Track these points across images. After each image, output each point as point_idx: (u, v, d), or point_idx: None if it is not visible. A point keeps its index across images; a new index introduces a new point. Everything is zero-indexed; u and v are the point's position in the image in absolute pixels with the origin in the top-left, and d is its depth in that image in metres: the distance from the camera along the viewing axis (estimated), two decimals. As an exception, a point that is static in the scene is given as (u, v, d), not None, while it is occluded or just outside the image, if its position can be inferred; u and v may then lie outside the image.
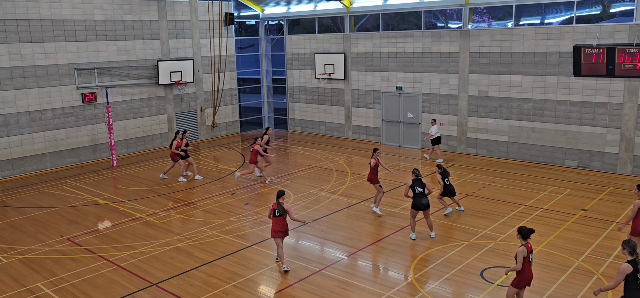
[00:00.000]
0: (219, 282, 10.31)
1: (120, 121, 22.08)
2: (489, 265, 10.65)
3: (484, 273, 10.33)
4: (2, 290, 10.24)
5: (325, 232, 12.92)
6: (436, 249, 11.59)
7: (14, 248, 12.39)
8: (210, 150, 23.34)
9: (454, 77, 20.78)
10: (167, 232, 13.14)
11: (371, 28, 24.04)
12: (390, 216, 13.87)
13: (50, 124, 20.08)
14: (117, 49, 21.70)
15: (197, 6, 24.37)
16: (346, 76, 24.29)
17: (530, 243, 8.14)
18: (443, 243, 11.90)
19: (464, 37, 20.28)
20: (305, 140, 24.67)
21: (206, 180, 17.97)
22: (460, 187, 16.23)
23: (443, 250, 11.47)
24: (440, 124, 21.31)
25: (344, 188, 16.61)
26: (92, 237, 12.98)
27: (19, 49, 19.00)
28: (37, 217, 14.76)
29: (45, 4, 19.50)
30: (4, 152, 19.04)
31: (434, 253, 11.36)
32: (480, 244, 11.76)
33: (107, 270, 10.99)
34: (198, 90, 24.87)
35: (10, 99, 19.00)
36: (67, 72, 20.31)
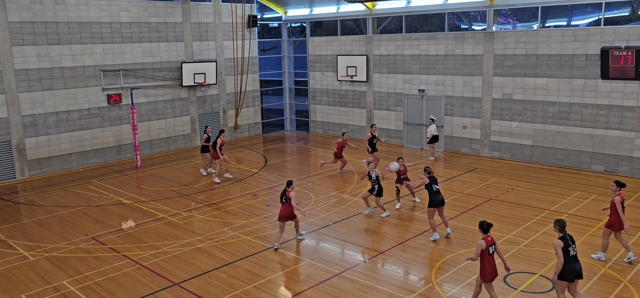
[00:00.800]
0: (240, 282, 10.37)
1: (145, 122, 22.40)
2: (512, 271, 10.48)
3: (507, 278, 10.17)
4: (29, 287, 10.47)
5: (346, 234, 12.89)
6: (458, 253, 11.46)
7: (40, 246, 12.66)
8: (232, 151, 23.51)
9: (477, 79, 20.54)
10: (189, 233, 13.26)
11: (394, 30, 23.92)
12: (411, 220, 13.77)
13: (76, 125, 20.48)
14: (142, 51, 22.03)
15: (221, 8, 24.59)
16: (368, 78, 24.22)
17: (490, 237, 8.68)
18: (465, 247, 11.77)
19: (488, 39, 20.04)
20: (327, 143, 24.66)
21: (228, 182, 18.09)
22: (483, 191, 16.04)
23: (465, 255, 11.33)
24: (463, 127, 21.10)
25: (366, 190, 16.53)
26: (116, 236, 13.18)
27: (47, 51, 19.43)
28: (63, 215, 15.05)
29: (72, 7, 19.90)
30: (32, 151, 19.48)
31: (455, 258, 11.23)
32: (503, 249, 11.59)
33: (130, 269, 11.14)
34: (221, 91, 25.09)
35: (39, 99, 19.43)
36: (94, 74, 20.69)
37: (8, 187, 18.47)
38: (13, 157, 19.09)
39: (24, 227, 14.20)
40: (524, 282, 10.04)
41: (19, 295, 10.16)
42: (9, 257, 12.08)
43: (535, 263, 10.83)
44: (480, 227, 8.75)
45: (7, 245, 12.79)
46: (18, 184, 18.86)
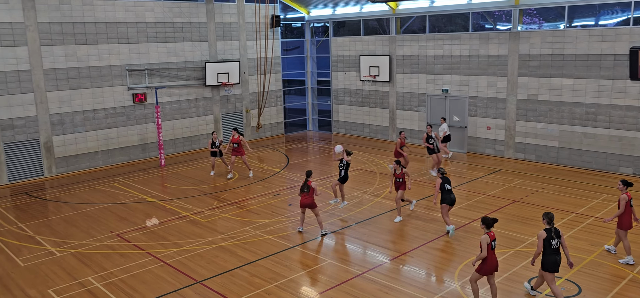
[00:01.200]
0: (262, 281, 10.41)
1: (169, 121, 22.67)
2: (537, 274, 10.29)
3: (532, 282, 10.00)
4: (56, 282, 10.68)
5: (368, 235, 12.84)
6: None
7: (67, 243, 12.91)
8: (255, 151, 23.63)
9: (502, 80, 20.26)
10: (212, 231, 13.38)
11: (417, 30, 23.76)
12: (434, 221, 13.64)
13: (102, 123, 20.83)
14: (167, 51, 22.30)
15: (244, 8, 24.75)
16: (391, 78, 24.10)
17: (493, 232, 8.84)
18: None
19: (513, 39, 19.75)
20: (349, 143, 24.61)
21: (250, 181, 18.20)
22: (507, 193, 15.82)
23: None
24: (487, 128, 20.85)
25: (388, 191, 16.46)
26: (141, 234, 13.36)
27: (74, 51, 19.81)
28: (89, 212, 15.32)
29: (99, 7, 20.25)
30: (59, 149, 19.88)
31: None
32: (528, 252, 11.41)
33: (154, 267, 11.28)
34: (244, 91, 25.25)
35: (66, 98, 19.83)
36: (119, 73, 21.02)
37: (36, 184, 18.88)
38: (41, 154, 19.52)
39: (51, 223, 14.50)
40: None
41: (46, 290, 10.38)
42: (37, 252, 12.35)
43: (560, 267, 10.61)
44: (484, 222, 8.84)
45: (35, 241, 13.07)
46: (46, 181, 19.27)
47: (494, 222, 8.84)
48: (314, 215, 12.89)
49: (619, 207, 10.69)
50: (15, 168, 19.01)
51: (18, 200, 16.90)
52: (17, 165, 19.05)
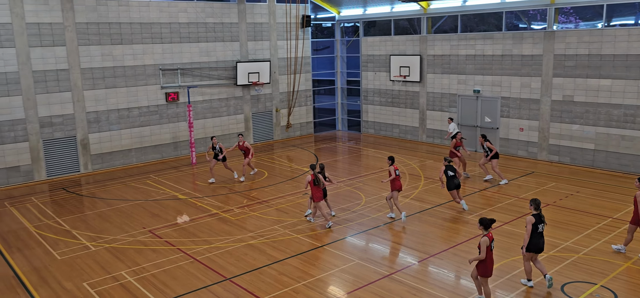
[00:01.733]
0: (290, 280, 10.47)
1: (200, 120, 23.00)
2: (571, 280, 10.07)
3: (565, 287, 9.78)
4: (90, 276, 10.97)
5: (397, 236, 12.76)
6: (512, 259, 11.12)
7: (101, 237, 13.24)
8: (284, 150, 23.77)
9: (536, 80, 19.85)
10: (241, 229, 13.52)
11: (449, 30, 23.49)
12: (463, 223, 13.47)
13: (136, 122, 21.28)
14: (199, 51, 22.63)
15: (275, 9, 24.91)
16: (422, 79, 23.89)
17: (491, 233, 8.92)
18: (520, 254, 11.39)
19: (548, 39, 19.33)
20: (378, 143, 24.51)
21: (279, 180, 18.32)
22: (540, 196, 15.48)
23: (521, 261, 10.96)
24: (520, 129, 20.46)
25: (417, 192, 16.34)
26: (172, 230, 13.60)
27: (110, 51, 20.30)
28: (122, 208, 15.68)
29: (135, 8, 20.70)
30: (95, 146, 20.41)
31: (510, 263, 10.90)
32: (561, 257, 11.15)
33: (184, 263, 11.47)
34: (274, 91, 25.42)
35: (102, 97, 20.34)
36: (153, 73, 21.44)
37: (73, 180, 19.43)
38: (78, 151, 20.07)
39: (86, 218, 14.90)
40: (584, 292, 9.62)
41: (81, 283, 10.67)
42: (73, 246, 12.71)
43: (596, 274, 10.36)
44: (482, 223, 8.93)
45: (71, 235, 13.46)
46: (82, 177, 19.81)
47: (492, 223, 8.94)
48: (321, 208, 13.37)
49: (634, 204, 10.87)
50: (53, 164, 19.60)
51: (55, 195, 17.43)
52: (55, 162, 19.64)
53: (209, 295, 9.97)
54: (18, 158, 18.76)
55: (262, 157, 22.29)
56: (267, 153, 23.04)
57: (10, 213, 15.54)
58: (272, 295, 9.88)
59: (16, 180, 18.80)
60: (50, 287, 10.57)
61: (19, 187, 18.62)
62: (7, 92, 18.26)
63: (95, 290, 10.32)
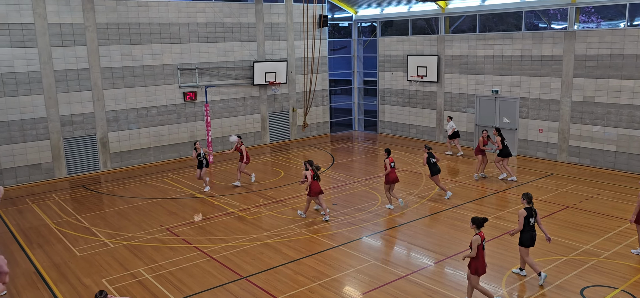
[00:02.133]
0: (305, 280, 10.48)
1: (217, 119, 23.15)
2: (590, 283, 9.92)
3: (584, 291, 9.63)
4: (109, 273, 11.11)
5: (413, 237, 12.70)
6: (531, 262, 10.97)
7: (120, 235, 13.40)
8: (301, 150, 23.81)
9: (556, 80, 19.59)
10: (257, 228, 13.57)
11: (467, 29, 23.30)
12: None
13: (154, 121, 21.51)
14: (217, 51, 22.78)
15: (293, 9, 24.97)
16: (439, 79, 23.73)
17: (483, 232, 8.95)
18: (539, 256, 11.25)
19: (568, 39, 19.06)
20: (395, 143, 24.41)
21: (295, 179, 18.34)
22: (559, 198, 15.29)
23: (539, 264, 10.83)
24: (539, 130, 20.21)
25: (433, 193, 16.24)
26: (189, 228, 13.71)
27: (130, 50, 20.54)
28: (140, 206, 15.85)
29: (154, 9, 20.92)
30: (114, 145, 20.67)
31: (527, 268, 10.76)
32: (580, 260, 10.99)
33: (201, 261, 11.56)
34: (291, 90, 25.47)
35: (121, 96, 20.58)
36: (171, 72, 21.64)
37: (92, 178, 19.70)
38: (97, 149, 20.35)
39: (105, 215, 15.10)
40: (604, 296, 9.46)
41: (100, 279, 10.81)
42: (92, 243, 12.89)
43: (616, 277, 10.19)
44: (475, 222, 8.96)
45: (91, 232, 13.65)
46: (101, 175, 20.08)
47: (484, 222, 8.96)
48: (321, 201, 13.82)
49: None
50: (73, 162, 19.89)
51: (75, 193, 17.69)
52: (75, 160, 19.93)
53: (225, 293, 10.03)
54: (40, 155, 19.08)
55: (278, 157, 22.36)
56: (283, 153, 23.11)
57: (31, 209, 15.82)
58: (288, 294, 9.90)
59: (38, 177, 19.12)
60: (70, 283, 10.73)
61: (40, 184, 18.94)
62: (30, 91, 18.58)
63: (114, 286, 10.45)
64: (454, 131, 21.44)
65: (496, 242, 12.14)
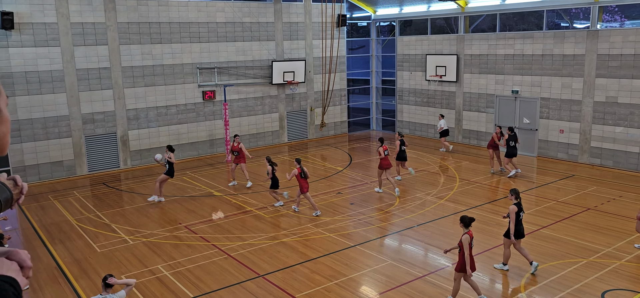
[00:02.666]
0: (322, 279, 10.49)
1: (236, 118, 23.29)
2: (612, 287, 9.75)
3: (606, 295, 9.47)
4: (128, 269, 11.26)
5: (430, 237, 12.63)
6: (550, 264, 10.84)
7: (139, 232, 13.57)
8: (318, 149, 23.83)
9: (577, 81, 19.29)
10: (275, 227, 13.62)
11: (487, 29, 23.07)
12: (501, 226, 13.20)
13: (173, 119, 21.72)
14: (236, 50, 22.93)
15: (311, 8, 24.99)
16: (458, 78, 23.55)
17: (471, 231, 9.06)
18: (558, 258, 11.11)
19: (591, 38, 18.75)
20: (413, 143, 24.28)
21: (313, 179, 18.36)
22: (580, 199, 15.06)
23: (559, 266, 10.69)
24: (560, 131, 19.93)
25: (452, 193, 16.13)
26: (207, 226, 13.83)
27: (150, 50, 20.78)
28: (159, 204, 16.02)
29: (174, 8, 21.13)
30: (134, 143, 20.93)
31: (548, 269, 10.64)
32: (602, 263, 10.81)
33: (218, 259, 11.64)
34: (309, 90, 25.51)
35: (142, 95, 20.84)
36: (191, 71, 21.84)
37: (113, 175, 19.98)
38: (118, 147, 20.63)
39: (125, 212, 15.30)
40: (625, 300, 9.30)
41: (120, 275, 10.95)
42: (112, 239, 13.07)
43: (639, 281, 10.00)
44: (463, 221, 9.13)
45: (111, 229, 13.85)
46: (121, 173, 20.35)
47: (472, 221, 9.10)
48: (307, 199, 14.41)
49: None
50: (94, 159, 20.20)
51: (96, 190, 17.96)
52: (96, 157, 20.24)
53: (242, 291, 10.09)
54: (62, 153, 19.42)
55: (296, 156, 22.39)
56: (301, 152, 23.15)
57: (53, 206, 16.11)
58: (304, 293, 9.92)
59: (60, 174, 19.46)
60: (90, 278, 10.90)
61: (62, 181, 19.27)
62: (52, 90, 18.92)
63: (133, 282, 10.58)
64: (444, 129, 22.14)
65: (515, 244, 11.99)
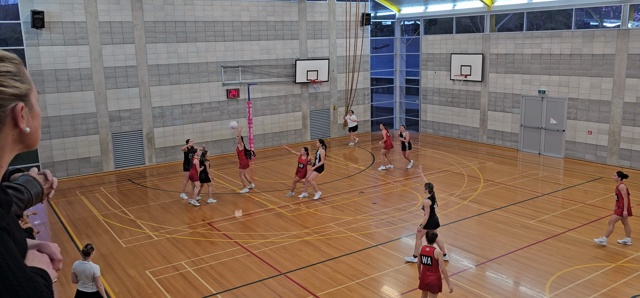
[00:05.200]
0: (344, 278, 10.48)
1: (259, 116, 23.43)
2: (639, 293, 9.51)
3: (634, 300, 9.25)
4: (152, 264, 11.43)
5: (454, 238, 12.50)
6: (577, 268, 10.63)
7: (163, 228, 13.76)
8: (341, 148, 23.80)
9: (607, 81, 18.86)
10: (297, 225, 13.66)
11: (513, 28, 22.72)
12: (526, 228, 13.00)
13: (198, 117, 21.96)
14: (260, 49, 23.05)
15: (335, 7, 24.97)
16: (483, 78, 23.25)
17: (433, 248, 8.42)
18: (585, 262, 10.88)
19: (621, 37, 18.31)
20: (437, 143, 24.08)
21: (335, 178, 18.37)
22: (608, 202, 14.72)
23: (585, 270, 10.48)
24: (588, 132, 19.48)
25: (476, 194, 15.94)
26: (230, 224, 13.95)
27: (175, 48, 21.04)
28: (183, 201, 16.20)
29: (199, 7, 21.35)
30: (159, 140, 21.23)
31: (574, 272, 10.43)
32: (630, 268, 10.56)
33: (241, 256, 11.73)
34: (332, 89, 25.50)
35: (167, 93, 21.12)
36: (215, 70, 22.04)
37: (138, 172, 20.30)
38: (143, 144, 20.95)
39: (150, 209, 15.53)
40: (654, 306, 9.06)
41: (144, 270, 11.14)
42: (137, 235, 13.29)
43: (668, 287, 9.73)
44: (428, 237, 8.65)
45: (136, 225, 14.07)
46: (146, 170, 20.66)
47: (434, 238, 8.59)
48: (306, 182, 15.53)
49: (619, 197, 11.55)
50: (120, 156, 20.55)
51: (122, 186, 18.27)
52: (122, 154, 20.59)
53: (264, 288, 10.15)
54: (89, 149, 19.80)
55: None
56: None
57: (80, 201, 16.45)
58: (326, 291, 9.93)
59: (87, 170, 19.86)
60: (116, 273, 11.10)
61: (89, 177, 19.66)
62: (81, 87, 19.31)
63: (157, 278, 10.74)
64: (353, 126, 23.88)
65: (540, 246, 11.81)
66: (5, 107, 1.32)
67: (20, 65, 1.41)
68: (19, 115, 1.34)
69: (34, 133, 1.40)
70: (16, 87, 1.34)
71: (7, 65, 1.34)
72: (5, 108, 1.32)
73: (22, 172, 1.61)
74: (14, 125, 1.34)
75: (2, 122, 1.32)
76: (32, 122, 1.39)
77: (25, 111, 1.36)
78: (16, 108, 1.33)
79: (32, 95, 1.41)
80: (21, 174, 1.57)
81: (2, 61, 1.33)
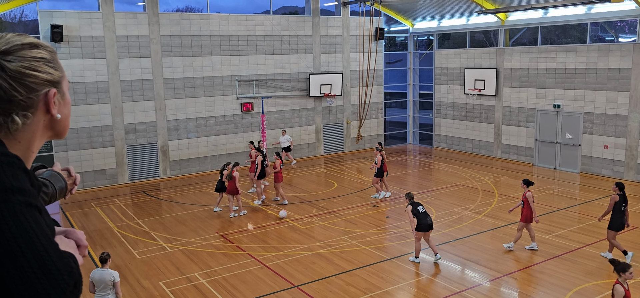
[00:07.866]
0: (357, 291, 10.43)
1: (273, 130, 23.53)
2: (660, 309, 9.33)
3: (653, 317, 9.07)
4: (166, 276, 11.48)
5: (468, 252, 12.40)
6: (594, 283, 10.48)
7: (177, 240, 13.83)
8: (354, 162, 23.79)
9: (623, 95, 18.68)
10: (310, 238, 13.65)
11: (527, 42, 22.64)
12: (541, 243, 12.85)
13: (212, 130, 22.12)
14: (274, 63, 23.22)
15: (349, 22, 25.11)
16: (497, 92, 23.15)
17: None
18: (603, 278, 10.71)
19: (638, 51, 18.15)
20: (451, 157, 23.97)
21: (349, 191, 18.34)
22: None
23: (604, 286, 10.31)
24: (605, 147, 19.27)
25: (490, 209, 15.81)
26: (243, 236, 13.98)
27: (191, 62, 21.28)
28: (197, 213, 16.30)
29: (214, 22, 21.61)
30: (173, 153, 21.40)
31: (591, 289, 10.28)
32: (649, 284, 10.36)
33: (254, 268, 11.74)
34: (345, 103, 25.56)
35: (182, 106, 21.33)
36: (230, 83, 22.23)
37: (152, 184, 20.46)
38: (158, 157, 21.14)
39: (164, 221, 15.63)
40: (674, 323, 8.87)
41: (158, 282, 11.19)
42: (151, 246, 13.37)
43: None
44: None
45: (150, 236, 14.16)
46: (161, 182, 20.82)
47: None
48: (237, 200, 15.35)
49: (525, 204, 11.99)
50: (135, 168, 20.75)
51: (137, 198, 18.42)
52: (137, 166, 20.78)
53: (277, 301, 10.13)
54: (105, 162, 20.03)
55: (332, 169, 22.43)
56: (337, 165, 23.17)
57: (96, 213, 16.61)
58: (339, 305, 9.89)
59: (102, 182, 20.06)
60: (130, 284, 11.16)
61: (105, 189, 19.86)
62: (98, 100, 19.58)
63: (170, 289, 10.78)
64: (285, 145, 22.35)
65: (557, 261, 11.66)
66: (38, 92, 1.34)
67: (54, 53, 1.44)
68: (51, 101, 1.36)
69: (64, 120, 1.43)
70: (49, 73, 1.37)
71: (41, 52, 1.37)
72: (38, 92, 1.34)
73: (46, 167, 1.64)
74: (46, 111, 1.36)
75: (34, 107, 1.34)
76: (63, 109, 1.41)
77: (57, 97, 1.38)
78: (49, 93, 1.36)
79: (64, 82, 1.44)
80: (45, 169, 1.61)
81: (37, 48, 1.36)
